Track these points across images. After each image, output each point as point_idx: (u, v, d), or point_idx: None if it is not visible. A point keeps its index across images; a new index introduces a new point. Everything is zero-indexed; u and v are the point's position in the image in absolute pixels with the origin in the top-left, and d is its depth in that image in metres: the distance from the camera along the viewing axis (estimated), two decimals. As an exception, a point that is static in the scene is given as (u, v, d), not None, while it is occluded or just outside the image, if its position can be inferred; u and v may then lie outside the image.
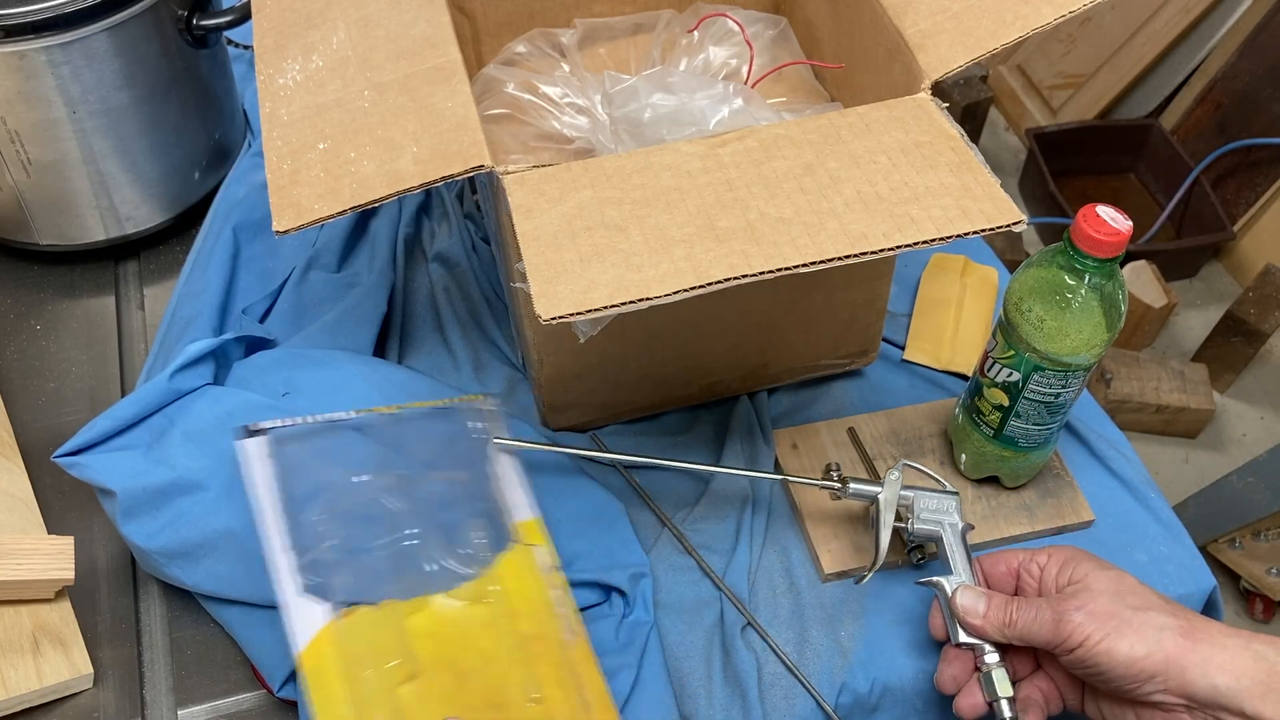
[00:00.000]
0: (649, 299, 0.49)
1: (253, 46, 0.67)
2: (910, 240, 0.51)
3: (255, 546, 0.66)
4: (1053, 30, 1.05)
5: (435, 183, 0.55)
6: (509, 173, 0.56)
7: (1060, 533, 0.74)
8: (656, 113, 0.71)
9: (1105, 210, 0.60)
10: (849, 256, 0.51)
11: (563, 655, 0.60)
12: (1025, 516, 0.74)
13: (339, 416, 0.66)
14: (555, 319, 0.49)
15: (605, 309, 0.49)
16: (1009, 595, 0.62)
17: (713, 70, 0.80)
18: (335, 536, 0.61)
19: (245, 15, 0.83)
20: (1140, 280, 1.84)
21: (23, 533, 0.69)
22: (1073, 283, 0.62)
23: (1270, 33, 1.94)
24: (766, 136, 0.57)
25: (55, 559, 0.65)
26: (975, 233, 0.52)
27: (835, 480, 0.68)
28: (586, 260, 0.51)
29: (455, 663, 0.59)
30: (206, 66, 0.87)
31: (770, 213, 0.53)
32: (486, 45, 0.85)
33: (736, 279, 0.50)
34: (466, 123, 0.57)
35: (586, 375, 0.74)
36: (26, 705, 0.64)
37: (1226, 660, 0.53)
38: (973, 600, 0.62)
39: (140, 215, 0.87)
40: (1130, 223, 0.60)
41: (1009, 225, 0.52)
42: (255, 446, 0.64)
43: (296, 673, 0.58)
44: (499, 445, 0.68)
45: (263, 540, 0.60)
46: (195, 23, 0.82)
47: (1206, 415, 1.76)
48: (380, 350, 0.81)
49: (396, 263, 0.86)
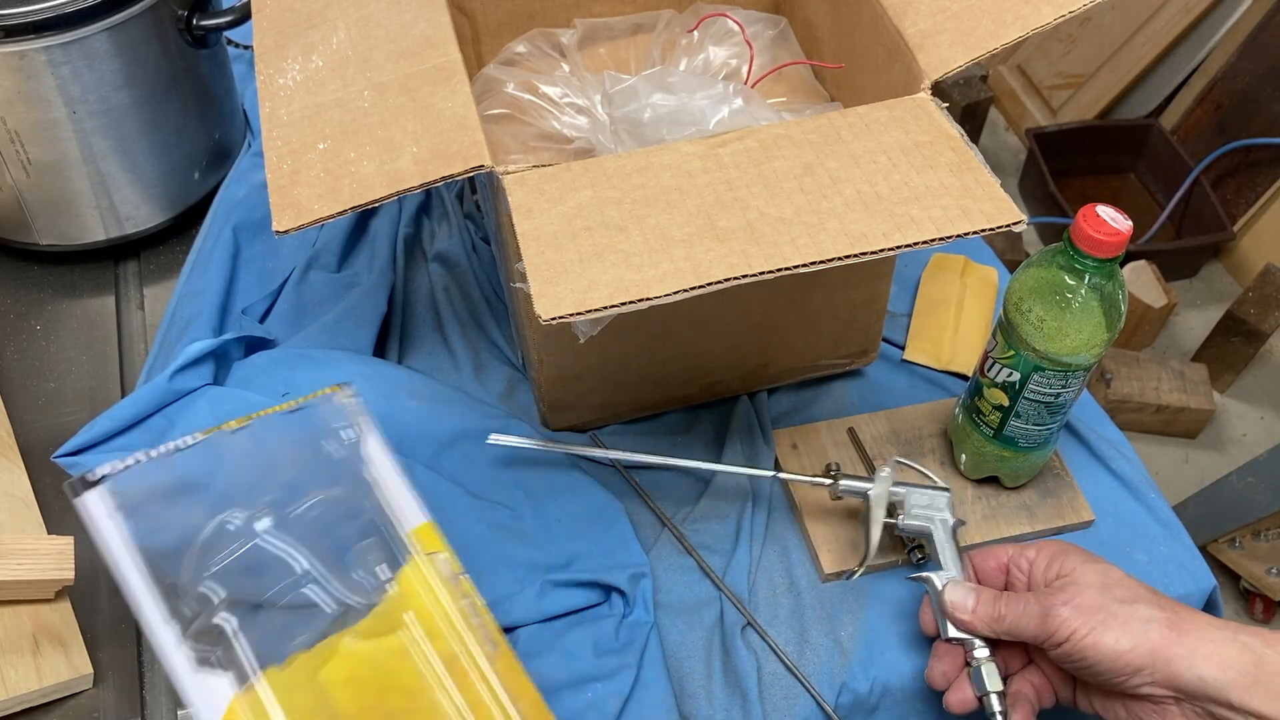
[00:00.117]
0: (649, 299, 0.49)
1: (253, 46, 0.67)
2: (910, 240, 0.51)
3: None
4: (1053, 30, 1.05)
5: (435, 183, 0.55)
6: (509, 173, 0.56)
7: (1060, 533, 0.74)
8: (656, 113, 0.71)
9: (1105, 210, 0.60)
10: (849, 256, 0.51)
11: (489, 671, 0.55)
12: (1025, 516, 0.74)
13: (182, 444, 0.58)
14: (555, 319, 0.49)
15: (605, 309, 0.49)
16: (999, 590, 0.62)
17: (713, 70, 0.80)
18: (218, 595, 0.54)
19: (245, 15, 0.83)
20: (1140, 280, 1.84)
21: (23, 533, 0.69)
22: (1073, 283, 0.62)
23: (1270, 33, 1.94)
24: (766, 136, 0.57)
25: (55, 559, 0.65)
26: (975, 233, 0.52)
27: (827, 476, 0.69)
28: (586, 260, 0.51)
29: (381, 707, 0.54)
30: (206, 66, 0.87)
31: (770, 213, 0.53)
32: (486, 45, 0.85)
33: (736, 279, 0.50)
34: (466, 123, 0.57)
35: (586, 375, 0.74)
36: (26, 705, 0.64)
37: (1213, 652, 0.53)
38: (962, 595, 0.62)
39: (140, 215, 0.87)
40: (1130, 223, 0.60)
41: (1009, 225, 0.52)
42: (96, 502, 0.55)
43: None
44: (496, 441, 0.66)
45: (136, 614, 0.53)
46: (195, 23, 0.82)
47: (1206, 415, 1.76)
48: (380, 350, 0.81)
49: (396, 263, 0.86)
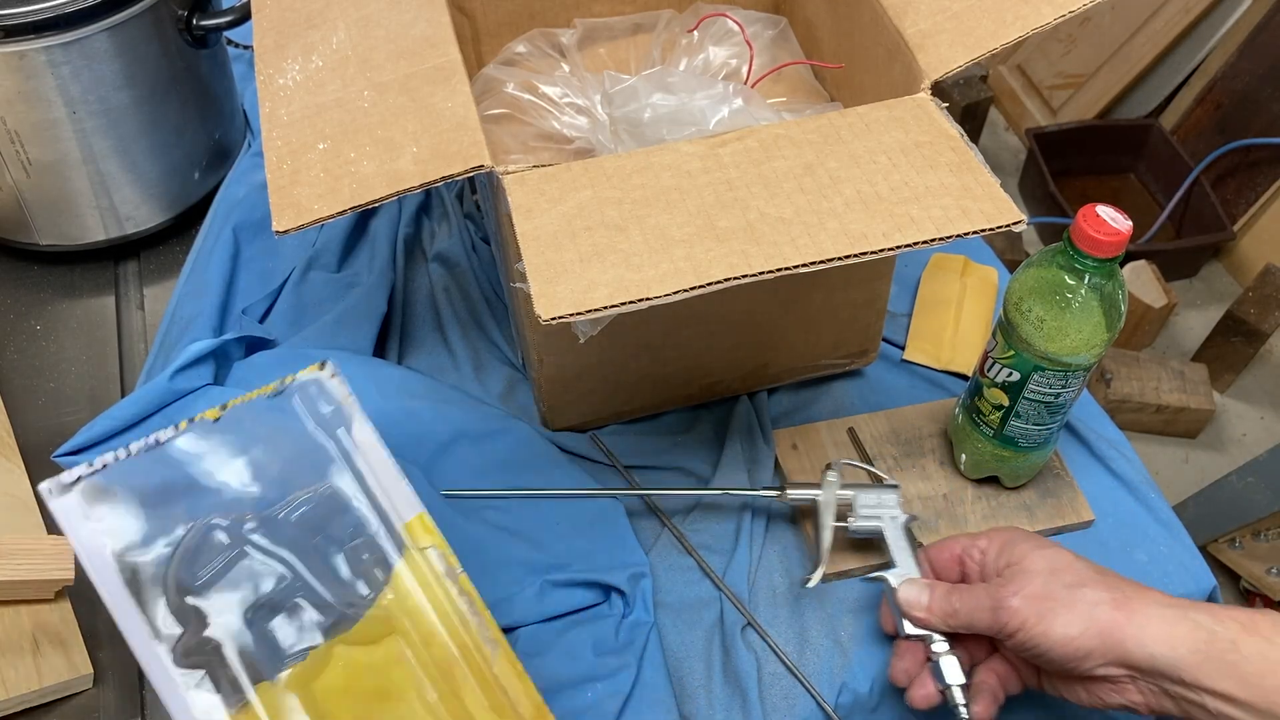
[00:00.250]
0: (649, 299, 0.49)
1: (253, 46, 0.67)
2: (910, 240, 0.51)
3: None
4: (1053, 30, 1.05)
5: (435, 183, 0.55)
6: (509, 173, 0.56)
7: (1060, 532, 0.74)
8: (656, 113, 0.71)
9: (1105, 210, 0.60)
10: (849, 256, 0.51)
11: (488, 673, 0.54)
12: (1025, 516, 0.74)
13: (160, 438, 0.54)
14: (555, 319, 0.49)
15: (605, 309, 0.49)
16: (954, 583, 0.63)
17: (713, 70, 0.80)
18: (206, 608, 0.52)
19: (245, 15, 0.83)
20: (1140, 280, 1.84)
21: (23, 533, 0.69)
22: (1073, 283, 0.62)
23: (1270, 33, 1.94)
24: (766, 136, 0.57)
25: (55, 559, 0.65)
26: (975, 233, 0.52)
27: (775, 487, 0.69)
28: (586, 260, 0.51)
29: (377, 717, 0.53)
30: (206, 66, 0.87)
31: (770, 213, 0.53)
32: (486, 45, 0.85)
33: (736, 279, 0.50)
34: (466, 123, 0.57)
35: (586, 375, 0.73)
36: (26, 705, 0.64)
37: (1163, 630, 0.53)
38: (915, 593, 0.62)
39: (140, 215, 0.87)
40: (1130, 223, 0.60)
41: (1009, 225, 0.52)
42: (71, 508, 0.51)
43: None
44: (449, 496, 0.60)
45: (123, 631, 0.50)
46: (195, 23, 0.82)
47: (1206, 415, 1.76)
48: (380, 350, 0.81)
49: (396, 263, 0.86)
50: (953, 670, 0.61)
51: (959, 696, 0.61)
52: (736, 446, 0.76)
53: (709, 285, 0.50)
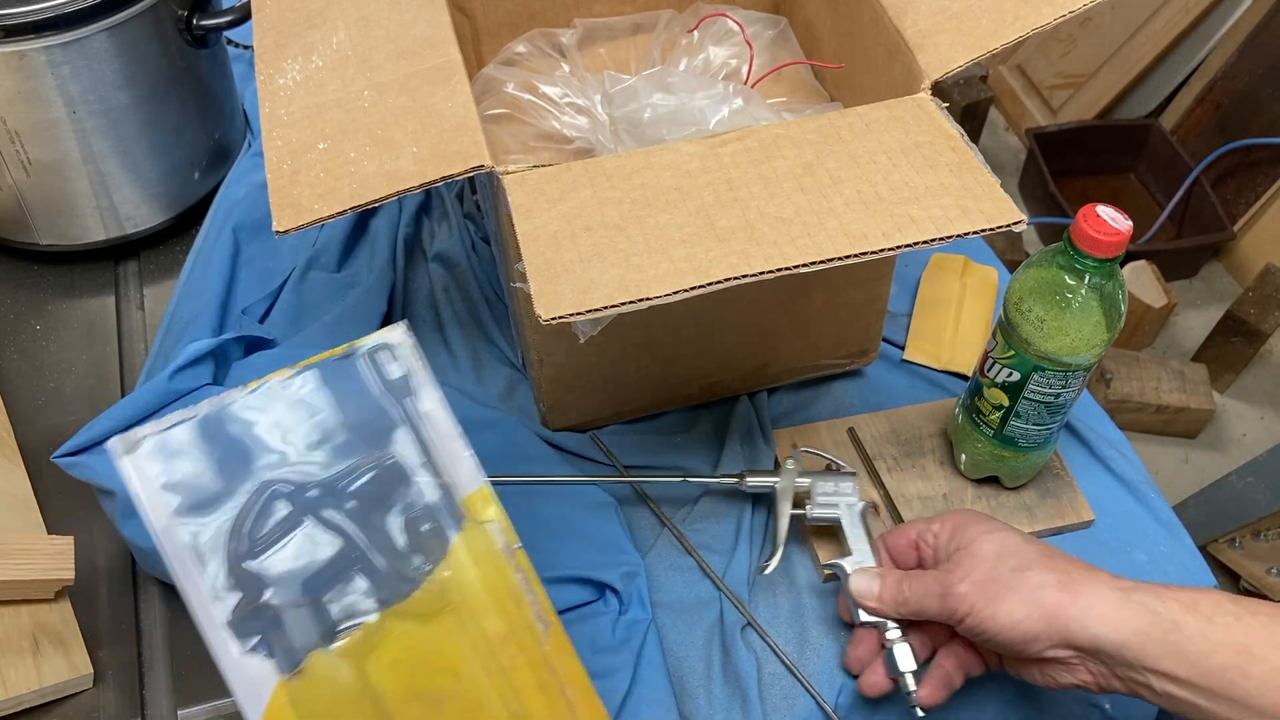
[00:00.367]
0: (649, 299, 0.49)
1: (253, 46, 0.67)
2: (910, 240, 0.51)
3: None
4: (1053, 30, 1.05)
5: (435, 183, 0.55)
6: (509, 173, 0.56)
7: (1060, 532, 0.74)
8: (656, 113, 0.71)
9: (1105, 210, 0.60)
10: (849, 256, 0.51)
11: (539, 652, 0.54)
12: (1025, 516, 0.74)
13: (228, 399, 0.53)
14: (555, 319, 0.49)
15: (605, 309, 0.49)
16: (908, 570, 0.63)
17: (713, 70, 0.80)
18: (266, 576, 0.52)
19: (245, 15, 0.83)
20: (1140, 280, 1.84)
21: (23, 533, 0.69)
22: (1073, 283, 0.62)
23: (1270, 33, 1.94)
24: (766, 136, 0.57)
25: (55, 559, 0.65)
26: (975, 233, 0.52)
27: (734, 474, 0.70)
28: (586, 260, 0.51)
29: (428, 691, 0.53)
30: (206, 66, 0.87)
31: (770, 213, 0.53)
32: (486, 45, 0.85)
33: (736, 279, 0.50)
34: (466, 123, 0.57)
35: (586, 375, 0.73)
36: (26, 705, 0.64)
37: (1107, 611, 0.54)
38: (866, 582, 0.63)
39: (140, 215, 0.87)
40: (1130, 223, 0.60)
41: (1009, 225, 0.52)
42: (138, 468, 0.51)
43: None
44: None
45: (182, 593, 0.50)
46: (195, 23, 0.82)
47: (1206, 415, 1.76)
48: (380, 350, 0.81)
49: (396, 263, 0.86)
50: (905, 658, 0.62)
51: (910, 684, 0.62)
52: (736, 446, 0.76)
53: (709, 285, 0.50)
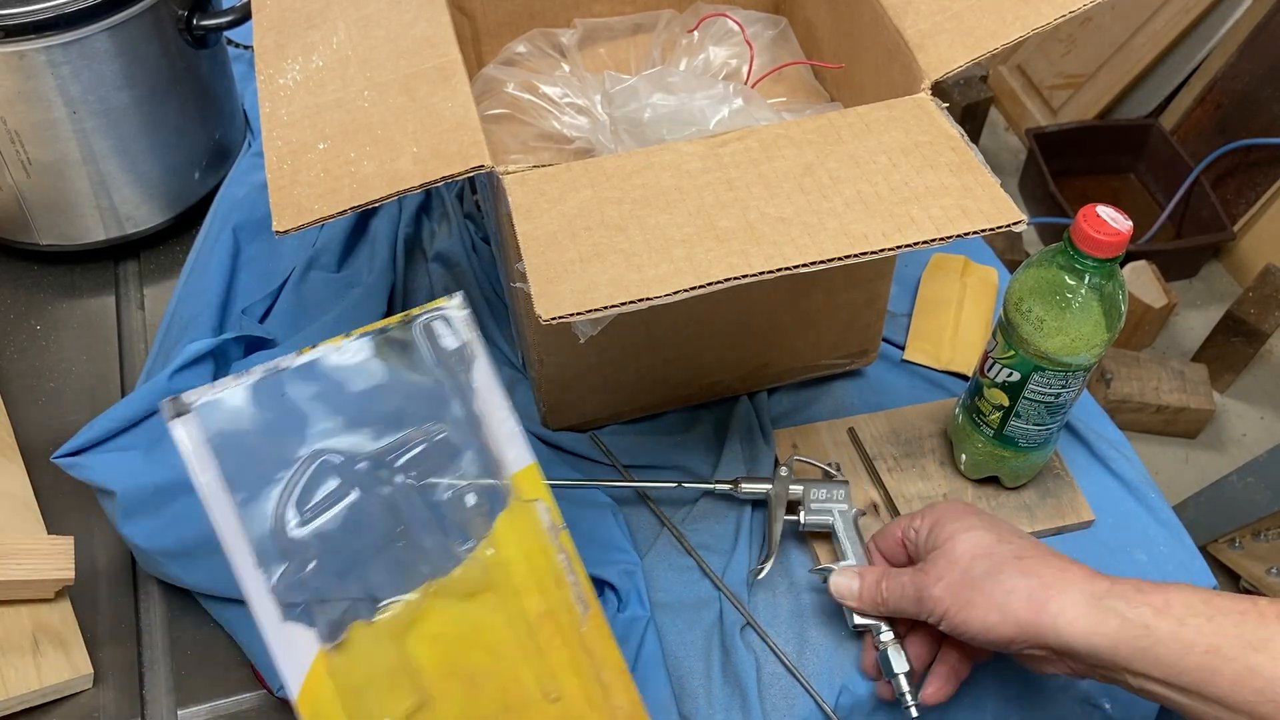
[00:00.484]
0: (649, 299, 0.49)
1: (253, 46, 0.67)
2: (910, 240, 0.51)
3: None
4: (1053, 30, 1.05)
5: (435, 183, 0.55)
6: (509, 173, 0.56)
7: (1060, 533, 0.74)
8: (656, 113, 0.71)
9: (1105, 210, 0.60)
10: (849, 256, 0.51)
11: (576, 634, 0.54)
12: (1025, 516, 0.74)
13: (281, 365, 0.53)
14: (555, 319, 0.49)
15: (605, 309, 0.49)
16: (896, 567, 0.64)
17: (713, 70, 0.80)
18: (312, 545, 0.52)
19: (245, 15, 0.83)
20: (1140, 280, 1.84)
21: (23, 533, 0.69)
22: (1073, 283, 0.62)
23: (1270, 33, 1.94)
24: (766, 136, 0.57)
25: (55, 559, 0.65)
26: (975, 233, 0.52)
27: (729, 480, 0.71)
28: (586, 260, 0.51)
29: (465, 667, 0.53)
30: (206, 66, 0.87)
31: (770, 213, 0.53)
32: (486, 45, 0.85)
33: (736, 279, 0.50)
34: (466, 123, 0.57)
35: (586, 375, 0.73)
36: (26, 705, 0.64)
37: (1076, 620, 0.54)
38: (846, 581, 0.64)
39: (140, 215, 0.87)
40: (1130, 223, 0.60)
41: (1009, 225, 0.52)
42: (188, 430, 0.51)
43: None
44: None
45: (229, 557, 0.51)
46: (195, 23, 0.82)
47: (1206, 415, 1.76)
48: (380, 350, 0.81)
49: (396, 263, 0.86)
50: (899, 659, 0.63)
51: (904, 685, 0.62)
52: (736, 446, 0.76)
53: (709, 285, 0.50)
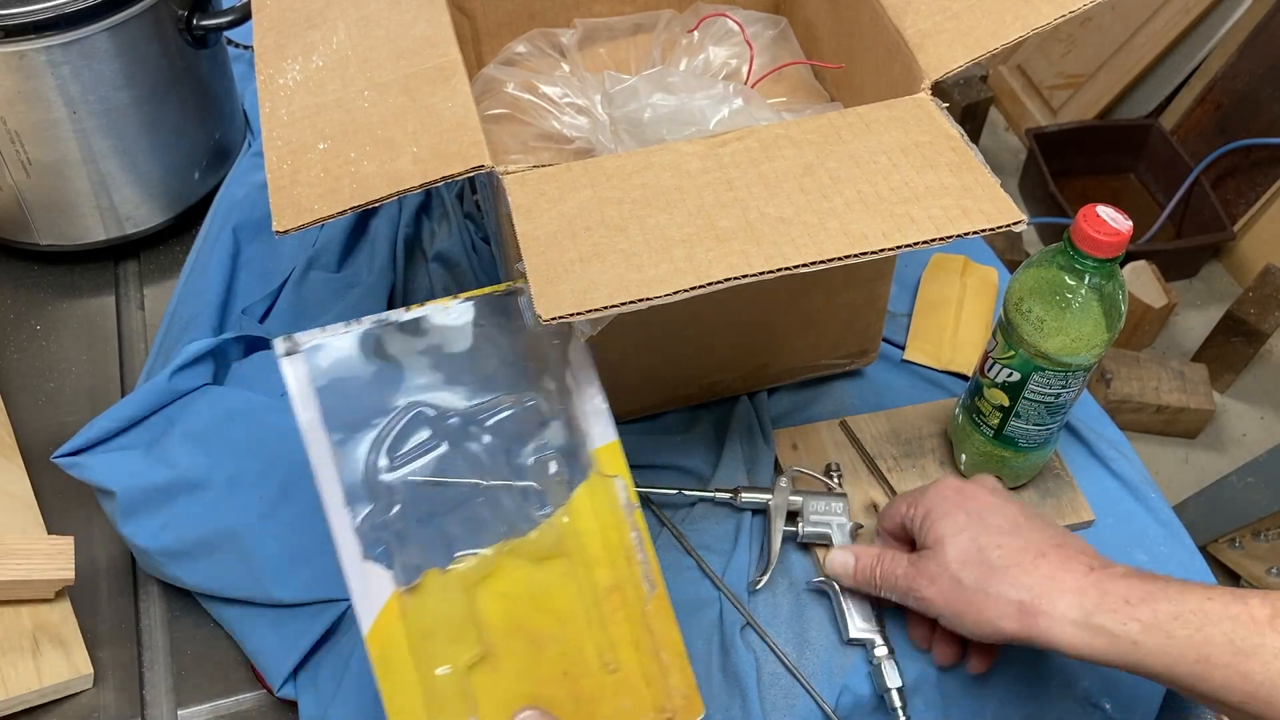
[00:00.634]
0: (649, 299, 0.49)
1: (253, 46, 0.67)
2: (910, 240, 0.51)
3: (256, 546, 0.66)
4: (1053, 30, 1.05)
5: (435, 183, 0.55)
6: (509, 173, 0.56)
7: (1060, 533, 0.74)
8: (656, 113, 0.71)
9: (1105, 210, 0.60)
10: (849, 256, 0.51)
11: (640, 611, 0.55)
12: (1025, 516, 0.74)
13: (389, 318, 0.56)
14: (555, 319, 0.49)
15: (605, 309, 0.49)
16: (899, 542, 0.66)
17: (713, 70, 0.80)
18: (398, 491, 0.54)
19: (245, 15, 0.83)
20: (1140, 280, 1.84)
21: (23, 533, 0.69)
22: (1073, 283, 0.62)
23: (1270, 33, 1.94)
24: (766, 136, 0.57)
25: (55, 559, 0.65)
26: (975, 233, 0.52)
27: (729, 489, 0.72)
28: (586, 260, 0.51)
29: (530, 629, 0.54)
30: (206, 66, 0.87)
31: (770, 213, 0.53)
32: (486, 45, 0.85)
33: (736, 279, 0.50)
34: (466, 123, 0.57)
35: (586, 375, 0.73)
36: (26, 705, 0.64)
37: (1064, 634, 0.56)
38: (843, 558, 0.66)
39: (140, 215, 0.87)
40: (1130, 223, 0.60)
41: (1009, 225, 0.52)
42: (296, 368, 0.54)
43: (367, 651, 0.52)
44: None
45: (319, 490, 0.53)
46: (195, 23, 0.82)
47: (1206, 415, 1.76)
48: (380, 350, 0.81)
49: (396, 263, 0.86)
50: (892, 674, 0.65)
51: (897, 700, 0.64)
52: (736, 446, 0.76)
53: (709, 285, 0.50)
